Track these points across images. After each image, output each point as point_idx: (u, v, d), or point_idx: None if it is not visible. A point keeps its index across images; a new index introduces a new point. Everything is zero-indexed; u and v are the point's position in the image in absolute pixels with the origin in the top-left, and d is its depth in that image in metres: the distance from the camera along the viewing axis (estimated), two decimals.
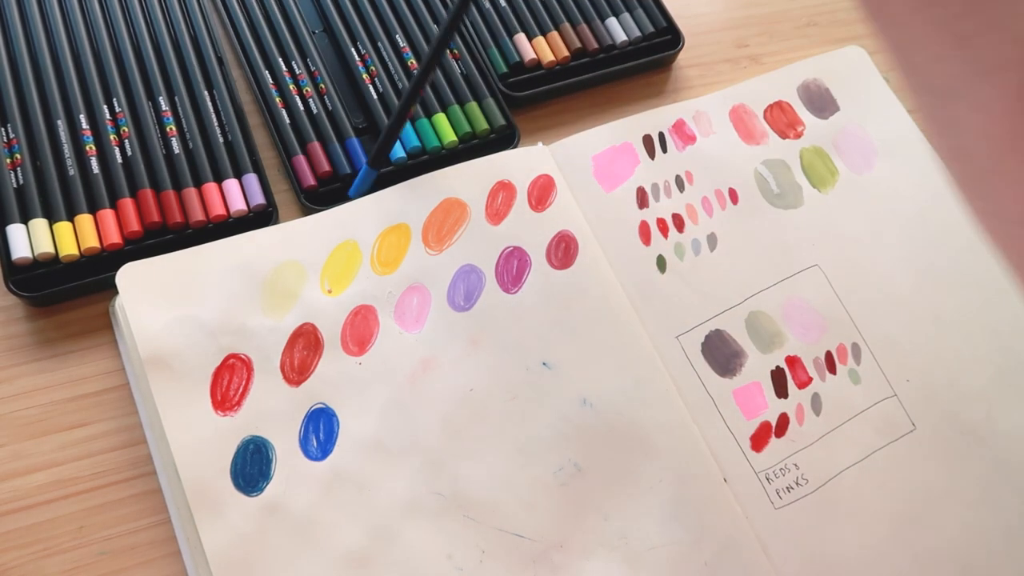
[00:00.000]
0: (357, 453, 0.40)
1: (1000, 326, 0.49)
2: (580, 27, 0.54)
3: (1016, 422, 0.47)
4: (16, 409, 0.41)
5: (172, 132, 0.46)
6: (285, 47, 0.51)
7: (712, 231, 0.49)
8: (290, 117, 0.48)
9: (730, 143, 0.52)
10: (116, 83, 0.47)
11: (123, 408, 0.41)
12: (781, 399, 0.45)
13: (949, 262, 0.51)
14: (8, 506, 0.38)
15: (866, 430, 0.45)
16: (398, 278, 0.44)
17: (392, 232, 0.45)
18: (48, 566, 0.38)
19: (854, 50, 0.57)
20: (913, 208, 0.52)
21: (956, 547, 0.43)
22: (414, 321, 0.43)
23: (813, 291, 0.48)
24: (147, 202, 0.44)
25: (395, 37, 0.52)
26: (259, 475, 0.39)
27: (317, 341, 0.42)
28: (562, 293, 0.45)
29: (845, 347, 0.47)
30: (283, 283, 0.43)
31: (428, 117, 0.50)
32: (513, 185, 0.47)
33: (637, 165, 0.50)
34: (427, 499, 0.39)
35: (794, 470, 0.44)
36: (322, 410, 0.41)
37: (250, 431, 0.39)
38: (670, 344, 0.45)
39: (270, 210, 0.46)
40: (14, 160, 0.44)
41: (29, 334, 0.42)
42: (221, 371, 0.40)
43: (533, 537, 0.39)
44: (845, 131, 0.54)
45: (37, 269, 0.42)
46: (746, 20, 0.59)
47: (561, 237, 0.46)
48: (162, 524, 0.39)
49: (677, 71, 0.56)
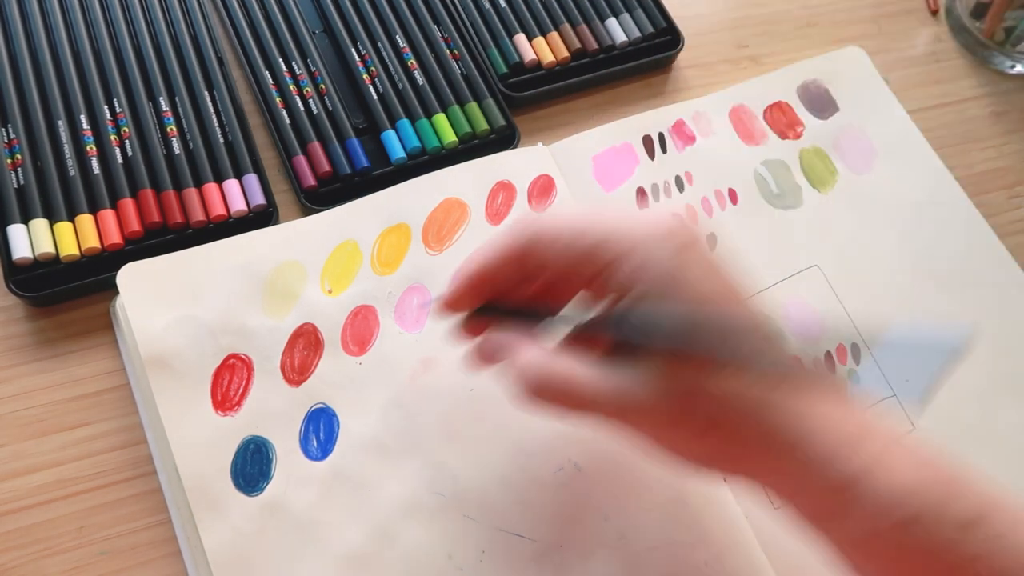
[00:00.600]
0: (357, 453, 0.40)
1: (1000, 326, 0.49)
2: (580, 28, 0.54)
3: (1016, 422, 0.47)
4: (16, 409, 0.41)
5: (172, 132, 0.46)
6: (285, 47, 0.51)
7: (712, 231, 0.49)
8: (290, 117, 0.49)
9: (730, 143, 0.52)
10: (117, 83, 0.47)
11: (123, 408, 0.41)
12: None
13: (948, 262, 0.51)
14: (8, 506, 0.38)
15: None
16: (398, 278, 0.44)
17: (392, 232, 0.45)
18: (48, 566, 0.38)
19: (854, 51, 0.57)
20: (912, 208, 0.52)
21: None
22: (414, 321, 0.44)
23: (812, 291, 0.48)
24: (147, 202, 0.44)
25: (395, 37, 0.52)
26: (259, 475, 0.39)
27: (317, 341, 0.42)
28: None
29: (845, 347, 0.47)
30: (283, 283, 0.43)
31: (428, 117, 0.50)
32: (513, 185, 0.47)
33: (637, 165, 0.50)
34: (427, 499, 0.39)
35: None
36: (322, 410, 0.41)
37: (250, 431, 0.39)
38: None
39: (270, 210, 0.46)
40: (15, 160, 0.44)
41: (29, 334, 0.42)
42: (221, 371, 0.40)
43: (533, 537, 0.39)
44: (845, 132, 0.54)
45: (38, 269, 0.42)
46: (746, 20, 0.60)
47: None
48: (162, 524, 0.39)
49: (677, 72, 0.56)
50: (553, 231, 0.31)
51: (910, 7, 0.62)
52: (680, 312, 0.29)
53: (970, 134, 0.57)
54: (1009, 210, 0.54)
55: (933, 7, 0.62)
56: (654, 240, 0.30)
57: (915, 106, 0.57)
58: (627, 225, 0.30)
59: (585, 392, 0.30)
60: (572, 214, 0.32)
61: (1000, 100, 0.59)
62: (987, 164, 0.56)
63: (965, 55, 0.61)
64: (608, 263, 0.30)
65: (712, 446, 0.30)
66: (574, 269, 0.31)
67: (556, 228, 0.31)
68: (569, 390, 0.30)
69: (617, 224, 0.30)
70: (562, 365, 0.30)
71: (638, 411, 0.30)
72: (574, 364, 0.30)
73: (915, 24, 0.62)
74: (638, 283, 0.29)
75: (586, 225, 0.31)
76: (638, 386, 0.29)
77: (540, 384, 0.30)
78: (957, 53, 0.61)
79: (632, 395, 0.29)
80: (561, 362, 0.31)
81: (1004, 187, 0.55)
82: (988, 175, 0.56)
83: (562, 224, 0.31)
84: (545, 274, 0.32)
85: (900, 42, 0.60)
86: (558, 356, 0.31)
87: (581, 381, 0.30)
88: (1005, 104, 0.59)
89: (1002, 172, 0.56)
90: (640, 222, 0.30)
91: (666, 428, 0.30)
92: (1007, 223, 0.54)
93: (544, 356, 0.31)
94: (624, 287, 0.30)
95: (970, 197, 0.53)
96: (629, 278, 0.30)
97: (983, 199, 0.54)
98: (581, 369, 0.30)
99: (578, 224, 0.31)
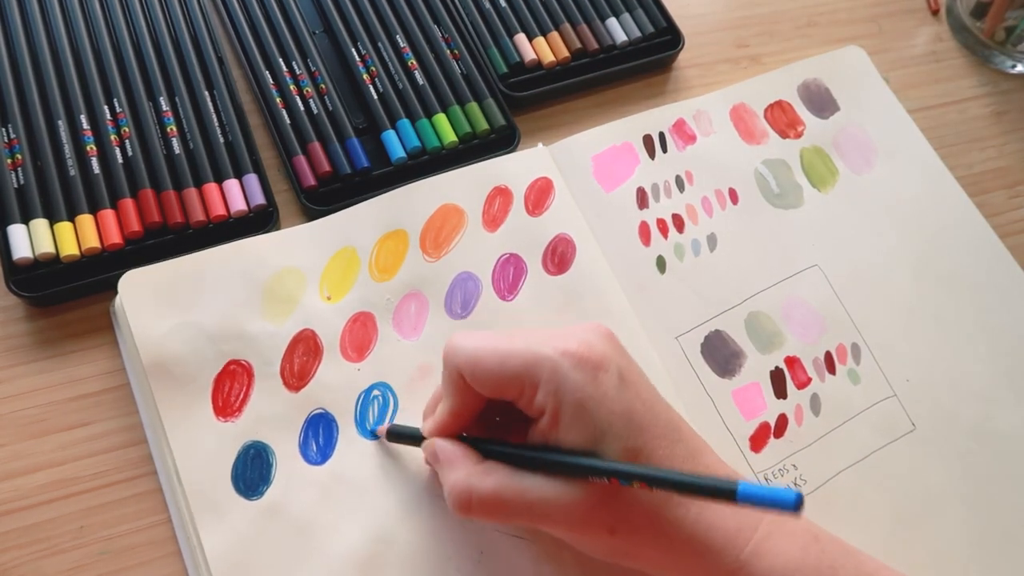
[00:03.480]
0: (356, 457, 0.40)
1: (999, 326, 0.49)
2: (580, 27, 0.54)
3: (1016, 422, 0.47)
4: (16, 409, 0.41)
5: (173, 132, 0.46)
6: (285, 47, 0.51)
7: (712, 231, 0.49)
8: (290, 117, 0.48)
9: (730, 143, 0.52)
10: (117, 83, 0.47)
11: (123, 408, 0.41)
12: (780, 400, 0.45)
13: (949, 262, 0.51)
14: (8, 506, 0.39)
15: (865, 430, 0.45)
16: (396, 285, 0.44)
17: (390, 238, 0.45)
18: (48, 566, 0.38)
19: (854, 50, 0.57)
20: (912, 208, 0.52)
21: (955, 547, 0.43)
22: (412, 328, 0.44)
23: (812, 291, 0.48)
24: (148, 202, 0.44)
25: (395, 37, 0.52)
26: (259, 479, 0.39)
27: (316, 347, 0.42)
28: (557, 299, 0.45)
29: (845, 347, 0.47)
30: (283, 289, 0.43)
31: (428, 117, 0.50)
32: (510, 191, 0.47)
33: (637, 165, 0.50)
34: (425, 501, 0.39)
35: (793, 471, 0.44)
36: (321, 415, 0.41)
37: (251, 436, 0.39)
38: (670, 344, 0.45)
39: (270, 210, 0.46)
40: (15, 160, 0.44)
41: (29, 334, 0.42)
42: (222, 377, 0.40)
43: (531, 538, 0.39)
44: (845, 131, 0.54)
45: (38, 269, 0.42)
46: (746, 20, 0.59)
47: (557, 242, 0.46)
48: (162, 524, 0.39)
49: (677, 71, 0.56)
50: (476, 358, 0.34)
51: (910, 7, 0.62)
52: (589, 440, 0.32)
53: (970, 134, 0.57)
54: (1009, 210, 0.54)
55: (933, 7, 0.62)
56: (567, 365, 0.32)
57: (915, 106, 0.57)
58: (544, 351, 0.32)
59: (505, 509, 0.33)
60: (494, 341, 0.34)
61: (1000, 100, 0.59)
62: (987, 164, 0.56)
63: (965, 55, 0.61)
64: (527, 387, 0.33)
65: (622, 543, 0.33)
66: (497, 392, 0.34)
67: (480, 356, 0.34)
68: (490, 508, 0.33)
69: (536, 351, 0.33)
70: (486, 485, 0.33)
71: (554, 516, 0.32)
72: (498, 480, 0.33)
73: (915, 24, 0.62)
74: (552, 406, 0.32)
75: (507, 353, 0.33)
76: (554, 494, 0.32)
77: (463, 504, 0.33)
78: (957, 53, 0.61)
79: (548, 507, 0.32)
80: (485, 482, 0.33)
81: (1004, 187, 0.55)
82: (988, 175, 0.56)
83: (486, 352, 0.34)
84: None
85: (900, 42, 0.60)
86: (483, 472, 0.34)
87: (503, 501, 0.33)
88: (1005, 104, 0.59)
89: (1002, 172, 0.56)
90: (558, 345, 0.33)
91: (579, 527, 0.33)
92: (1007, 223, 0.53)
93: (469, 476, 0.34)
94: (540, 409, 0.33)
95: (970, 197, 0.53)
96: (544, 401, 0.32)
97: (983, 199, 0.54)
98: (504, 485, 0.33)
99: (501, 353, 0.33)
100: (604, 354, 0.33)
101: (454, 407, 0.35)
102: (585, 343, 0.33)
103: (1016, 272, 0.51)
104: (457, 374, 0.34)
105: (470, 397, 0.35)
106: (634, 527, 0.32)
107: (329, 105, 0.49)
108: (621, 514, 0.32)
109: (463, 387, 0.35)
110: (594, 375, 0.32)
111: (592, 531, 0.33)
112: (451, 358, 0.35)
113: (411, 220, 0.46)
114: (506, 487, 0.33)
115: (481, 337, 0.34)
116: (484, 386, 0.34)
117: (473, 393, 0.35)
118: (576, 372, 0.32)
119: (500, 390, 0.34)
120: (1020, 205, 0.55)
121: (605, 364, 0.32)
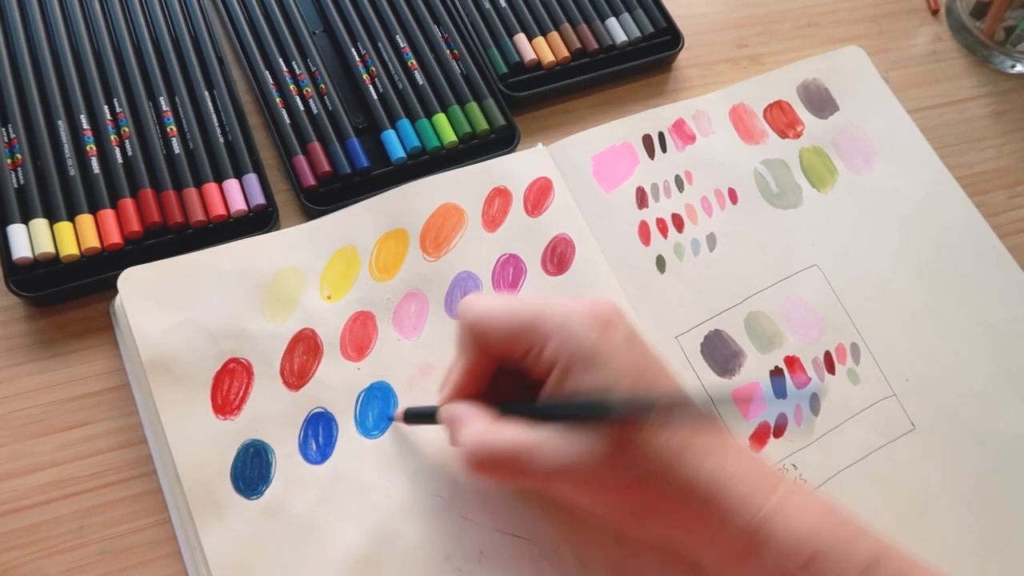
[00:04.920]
0: (356, 457, 0.40)
1: (999, 326, 0.49)
2: (580, 27, 0.54)
3: (1016, 422, 0.47)
4: (16, 409, 0.41)
5: (172, 132, 0.46)
6: (285, 47, 0.51)
7: (712, 231, 0.49)
8: (290, 117, 0.48)
9: (730, 143, 0.52)
10: (117, 83, 0.47)
11: (123, 408, 0.41)
12: (780, 399, 0.45)
13: (948, 262, 0.51)
14: (8, 506, 0.39)
15: (865, 430, 0.45)
16: (396, 284, 0.44)
17: (390, 237, 0.45)
18: (48, 566, 0.38)
19: (854, 50, 0.57)
20: (912, 208, 0.52)
21: (955, 547, 0.43)
22: (412, 328, 0.44)
23: (812, 291, 0.48)
24: (147, 202, 0.44)
25: (395, 37, 0.52)
26: (259, 478, 0.39)
27: (316, 346, 0.42)
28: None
29: (844, 347, 0.47)
30: (283, 289, 0.43)
31: (428, 117, 0.50)
32: (509, 191, 0.47)
33: (637, 165, 0.50)
34: (425, 501, 0.40)
35: (792, 471, 0.44)
36: (321, 414, 0.41)
37: (250, 435, 0.39)
38: (669, 344, 0.45)
39: (270, 210, 0.46)
40: (15, 160, 0.44)
41: (29, 334, 0.42)
42: (222, 375, 0.40)
43: (531, 538, 0.39)
44: (844, 131, 0.54)
45: (37, 269, 0.42)
46: (746, 20, 0.60)
47: (557, 242, 0.46)
48: (162, 524, 0.39)
49: (677, 71, 0.56)
50: (488, 312, 0.35)
51: (910, 7, 0.62)
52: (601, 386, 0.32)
53: (970, 134, 0.57)
54: (1009, 210, 0.54)
55: (933, 7, 0.62)
56: (577, 319, 0.33)
57: (915, 106, 0.57)
58: (554, 307, 0.34)
59: (520, 465, 0.33)
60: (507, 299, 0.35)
61: (1000, 100, 0.59)
62: (987, 164, 0.56)
63: (965, 55, 0.61)
64: (537, 340, 0.33)
65: (636, 500, 0.33)
66: (508, 347, 0.34)
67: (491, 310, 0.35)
68: (506, 465, 0.33)
69: (545, 306, 0.34)
70: (502, 438, 0.33)
71: (570, 474, 0.32)
72: (514, 434, 0.33)
73: (915, 24, 0.62)
74: (563, 358, 0.33)
75: (518, 307, 0.34)
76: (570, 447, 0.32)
77: (478, 461, 0.33)
78: (957, 53, 0.61)
79: (564, 460, 0.32)
80: (501, 434, 0.33)
81: (1004, 187, 0.55)
82: (988, 175, 0.56)
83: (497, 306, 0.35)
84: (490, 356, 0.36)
85: (900, 42, 0.60)
86: (499, 427, 0.33)
87: (518, 455, 0.32)
88: (1005, 104, 0.59)
89: (1002, 172, 0.56)
90: (567, 304, 0.34)
91: (595, 483, 0.33)
92: (1007, 223, 0.54)
93: (485, 431, 0.34)
94: (551, 362, 0.33)
95: (970, 197, 0.53)
96: (554, 354, 0.33)
97: (983, 199, 0.54)
98: (520, 438, 0.33)
99: (511, 306, 0.34)
100: (613, 313, 0.34)
101: (468, 364, 0.36)
102: (594, 303, 0.34)
103: (1016, 272, 0.51)
104: (469, 331, 0.35)
105: (483, 355, 0.36)
106: (649, 481, 0.32)
107: (329, 105, 0.49)
108: (637, 467, 0.32)
109: (475, 345, 0.35)
110: (604, 329, 0.33)
111: (608, 487, 0.33)
112: (464, 315, 0.36)
113: (411, 220, 0.46)
114: (523, 439, 0.33)
115: (494, 296, 0.35)
116: (496, 339, 0.35)
117: (485, 351, 0.35)
118: (586, 326, 0.33)
119: (510, 344, 0.34)
120: (1020, 205, 0.55)
121: (615, 322, 0.33)
